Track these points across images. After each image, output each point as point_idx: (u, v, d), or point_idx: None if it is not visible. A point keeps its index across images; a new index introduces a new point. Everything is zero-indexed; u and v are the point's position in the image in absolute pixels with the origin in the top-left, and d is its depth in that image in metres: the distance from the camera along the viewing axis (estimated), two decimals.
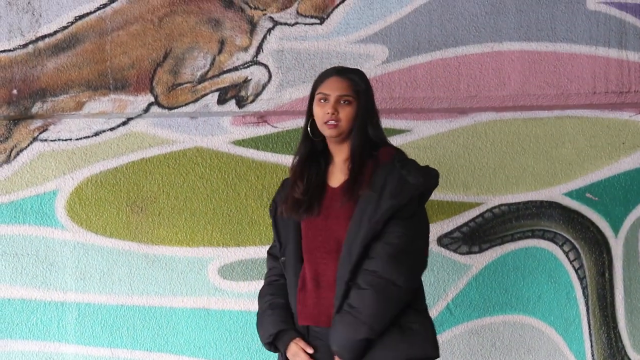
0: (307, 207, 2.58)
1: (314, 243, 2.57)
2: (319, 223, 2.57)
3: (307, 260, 2.58)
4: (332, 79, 2.58)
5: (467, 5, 3.34)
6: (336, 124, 2.53)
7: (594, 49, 3.34)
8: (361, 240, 2.47)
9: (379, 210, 2.47)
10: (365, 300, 2.43)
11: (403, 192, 2.49)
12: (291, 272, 2.62)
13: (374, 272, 2.45)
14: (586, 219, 3.40)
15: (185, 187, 3.37)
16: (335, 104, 2.53)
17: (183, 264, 3.36)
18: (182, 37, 3.30)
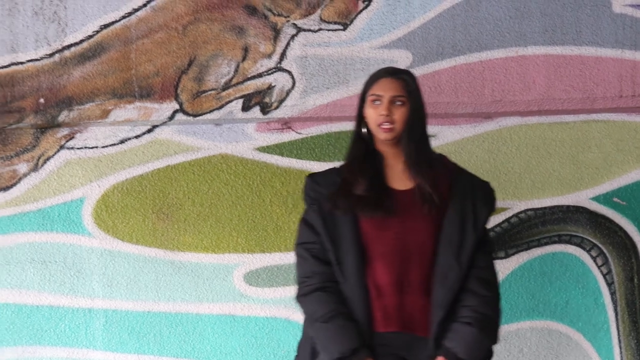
0: (378, 206, 2.49)
1: (390, 245, 2.50)
2: (395, 225, 2.50)
3: (382, 263, 2.49)
4: (384, 79, 2.54)
5: (491, 9, 3.33)
6: (391, 127, 2.49)
7: (620, 52, 3.32)
8: (470, 249, 2.49)
9: (480, 218, 2.53)
10: (492, 306, 2.52)
11: (491, 200, 2.62)
12: (354, 276, 2.49)
13: (484, 279, 2.52)
14: (614, 224, 3.37)
15: (211, 193, 3.39)
16: (389, 105, 2.50)
17: (209, 270, 3.38)
18: (206, 45, 3.32)
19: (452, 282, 2.47)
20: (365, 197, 2.49)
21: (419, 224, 2.51)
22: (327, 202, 2.53)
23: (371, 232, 2.51)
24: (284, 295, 3.37)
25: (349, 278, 2.50)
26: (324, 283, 2.53)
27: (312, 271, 2.55)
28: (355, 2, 3.32)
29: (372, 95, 2.53)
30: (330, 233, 2.52)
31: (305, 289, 2.56)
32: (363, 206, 2.49)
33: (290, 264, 3.34)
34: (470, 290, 2.48)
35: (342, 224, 2.52)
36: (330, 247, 2.52)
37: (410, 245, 2.50)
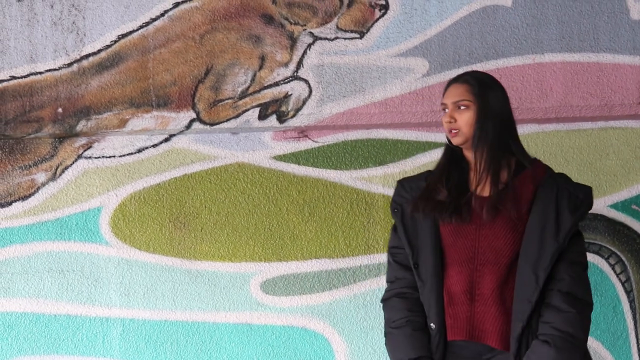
0: (455, 211, 2.47)
1: (465, 252, 2.46)
2: (471, 231, 2.47)
3: (456, 271, 2.47)
4: (451, 86, 2.55)
5: (507, 17, 3.32)
6: (457, 131, 2.49)
7: (638, 59, 3.30)
8: (550, 259, 2.39)
9: (562, 227, 2.42)
10: (573, 325, 2.37)
11: (579, 208, 2.47)
12: (431, 281, 2.48)
13: (568, 293, 2.39)
14: (632, 231, 3.35)
15: (227, 202, 3.39)
16: (452, 112, 2.50)
17: (225, 279, 3.38)
18: (223, 54, 3.32)
19: (528, 295, 2.39)
20: (444, 203, 2.48)
21: (495, 230, 2.46)
22: (410, 206, 2.53)
23: (448, 238, 2.50)
24: (301, 304, 3.36)
25: (426, 283, 2.49)
26: (403, 289, 2.55)
27: (394, 276, 2.59)
28: (372, 11, 3.32)
29: (442, 104, 2.56)
30: (410, 237, 2.54)
31: (386, 294, 2.61)
32: (441, 211, 2.48)
33: (307, 272, 3.36)
34: (551, 305, 2.39)
35: (422, 229, 2.52)
36: (409, 251, 2.53)
37: (485, 252, 2.46)
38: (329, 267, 3.37)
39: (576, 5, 3.30)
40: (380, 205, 3.36)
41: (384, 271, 3.28)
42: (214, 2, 3.32)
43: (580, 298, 2.42)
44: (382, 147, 3.39)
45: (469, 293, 2.45)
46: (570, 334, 2.36)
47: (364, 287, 3.36)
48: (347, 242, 3.37)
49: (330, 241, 3.37)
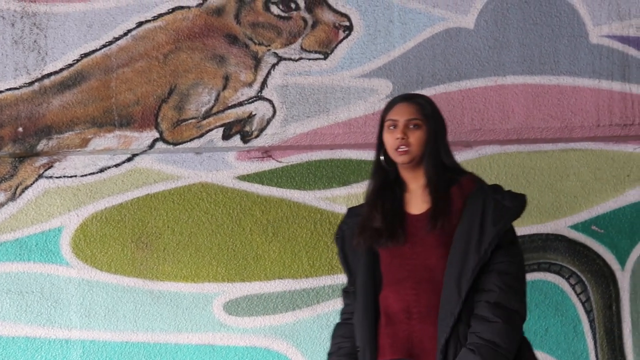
0: (391, 235, 2.50)
1: (401, 273, 2.49)
2: (406, 252, 2.50)
3: (392, 291, 2.50)
4: (399, 104, 2.57)
5: (470, 39, 3.36)
6: (407, 149, 2.50)
7: (597, 82, 3.35)
8: (472, 272, 2.40)
9: (485, 239, 2.41)
10: (500, 334, 2.37)
11: (504, 218, 2.45)
12: (363, 303, 2.54)
13: (496, 304, 2.39)
14: (592, 252, 3.39)
15: (190, 222, 3.37)
16: (404, 129, 2.51)
17: (188, 299, 3.35)
18: (186, 73, 3.31)
19: (452, 307, 2.40)
20: (379, 229, 2.52)
21: (428, 249, 2.49)
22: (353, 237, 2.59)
23: (388, 260, 2.54)
24: (264, 324, 3.35)
25: (358, 305, 2.56)
26: (344, 315, 2.67)
27: (344, 303, 2.71)
28: (336, 32, 3.34)
29: (388, 120, 2.56)
30: (350, 264, 2.63)
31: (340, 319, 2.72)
32: (377, 238, 2.53)
33: (270, 293, 3.35)
34: (479, 315, 2.40)
35: (359, 255, 2.59)
36: (349, 278, 2.65)
37: (419, 271, 2.48)
38: (292, 287, 3.36)
39: (537, 28, 3.35)
40: None
41: None
42: (177, 21, 3.31)
43: (509, 308, 2.41)
44: (346, 167, 3.39)
45: (406, 312, 2.47)
46: (495, 343, 2.36)
47: (328, 307, 3.35)
48: (310, 262, 3.37)
49: (294, 261, 3.37)
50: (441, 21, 3.35)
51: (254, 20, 3.32)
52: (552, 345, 3.37)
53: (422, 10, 3.35)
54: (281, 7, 3.32)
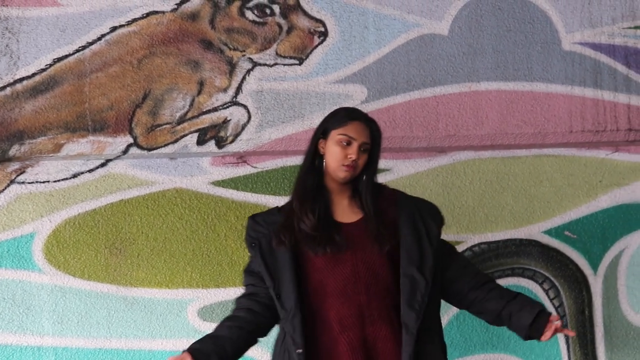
0: (329, 242, 2.54)
1: (346, 279, 2.53)
2: (348, 258, 2.54)
3: (340, 299, 2.53)
4: (357, 123, 2.60)
5: (444, 46, 3.37)
6: (353, 169, 2.57)
7: (570, 89, 3.39)
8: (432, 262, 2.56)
9: (432, 232, 2.61)
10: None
11: (438, 214, 2.70)
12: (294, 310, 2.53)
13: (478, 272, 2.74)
14: (565, 257, 3.42)
15: (165, 228, 3.35)
16: (358, 150, 2.56)
17: (162, 306, 3.33)
18: (161, 79, 3.30)
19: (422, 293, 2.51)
20: (314, 235, 2.55)
21: (370, 254, 2.55)
22: (272, 240, 2.60)
23: (325, 267, 2.55)
24: None
25: (290, 311, 2.55)
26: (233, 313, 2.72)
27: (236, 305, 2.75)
28: (311, 37, 3.34)
29: (343, 135, 2.57)
30: (270, 269, 2.60)
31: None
32: (313, 244, 2.55)
33: None
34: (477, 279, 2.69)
35: (281, 261, 2.58)
36: (271, 283, 2.60)
37: (366, 276, 2.54)
38: None
39: (510, 35, 3.38)
40: None
41: None
42: (152, 26, 3.29)
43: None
44: None
45: (359, 317, 2.51)
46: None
47: None
48: None
49: None
50: (416, 27, 3.37)
51: (229, 26, 3.32)
52: (526, 350, 3.39)
53: (397, 17, 3.36)
54: (256, 13, 3.32)
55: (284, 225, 2.60)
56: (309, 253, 2.56)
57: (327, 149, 2.60)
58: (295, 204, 2.62)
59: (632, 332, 3.42)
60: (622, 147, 3.44)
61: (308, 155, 2.65)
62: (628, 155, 3.45)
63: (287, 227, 2.59)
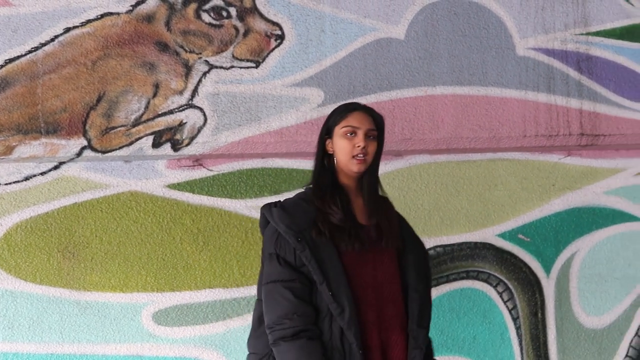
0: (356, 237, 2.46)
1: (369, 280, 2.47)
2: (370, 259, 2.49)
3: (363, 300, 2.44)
4: (358, 113, 2.55)
5: (400, 50, 3.39)
6: (364, 158, 2.50)
7: (524, 94, 3.42)
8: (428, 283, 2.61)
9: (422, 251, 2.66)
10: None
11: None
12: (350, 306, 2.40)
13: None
14: (519, 260, 3.46)
15: (119, 231, 3.31)
16: (364, 138, 2.51)
17: (116, 310, 3.29)
18: (116, 81, 3.26)
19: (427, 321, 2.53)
20: (343, 227, 2.46)
21: (386, 260, 2.51)
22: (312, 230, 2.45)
23: (352, 265, 2.46)
24: (194, 334, 3.32)
25: (345, 309, 2.41)
26: (308, 326, 2.41)
27: (293, 312, 2.41)
28: (268, 40, 3.33)
29: (346, 127, 2.52)
30: (320, 263, 2.43)
31: (283, 332, 2.41)
32: (342, 236, 2.45)
33: (201, 302, 3.32)
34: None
35: (328, 254, 2.44)
36: (322, 279, 2.42)
37: (383, 281, 2.49)
38: (223, 296, 3.34)
39: (466, 40, 3.40)
40: None
41: None
42: (106, 28, 3.26)
43: None
44: (278, 176, 3.39)
45: (378, 321, 2.47)
46: None
47: None
48: (241, 271, 3.35)
49: (225, 270, 3.34)
50: (372, 31, 3.38)
51: (185, 28, 3.30)
52: (480, 352, 3.42)
53: (354, 20, 3.37)
54: (212, 15, 3.30)
55: (319, 216, 2.47)
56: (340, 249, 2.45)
57: (335, 146, 2.54)
58: (318, 202, 2.50)
59: (583, 334, 3.47)
60: (574, 152, 3.49)
61: (318, 157, 2.59)
62: (580, 160, 3.50)
63: (322, 218, 2.46)
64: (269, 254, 2.49)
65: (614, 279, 3.49)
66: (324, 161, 2.57)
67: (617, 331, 3.48)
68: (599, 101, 3.41)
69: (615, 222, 3.49)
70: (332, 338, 2.42)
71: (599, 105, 3.41)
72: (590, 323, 3.47)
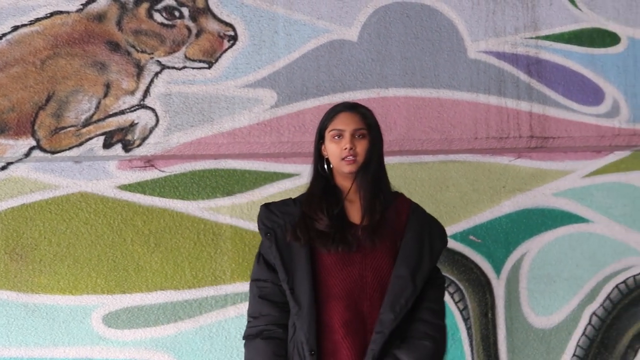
0: (342, 240, 2.48)
1: (353, 282, 2.47)
2: (358, 260, 2.49)
3: (341, 300, 2.45)
4: (343, 114, 2.55)
5: (353, 52, 3.40)
6: (354, 159, 2.50)
7: (475, 96, 3.45)
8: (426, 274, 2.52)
9: (435, 250, 2.57)
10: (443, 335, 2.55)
11: (444, 236, 2.64)
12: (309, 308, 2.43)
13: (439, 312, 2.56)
14: (470, 261, 3.49)
15: (69, 233, 3.28)
16: (351, 139, 2.51)
17: (65, 312, 3.26)
18: (65, 80, 3.22)
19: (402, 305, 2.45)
20: (328, 233, 2.48)
21: (378, 259, 2.50)
22: (287, 232, 2.51)
23: (333, 267, 2.48)
24: (145, 336, 3.29)
25: (303, 308, 2.44)
26: (268, 326, 2.52)
27: (259, 312, 2.55)
28: (221, 41, 3.32)
29: (333, 130, 2.53)
30: (285, 261, 2.50)
31: (248, 330, 2.55)
32: (325, 241, 2.47)
33: (152, 304, 3.29)
34: (422, 319, 2.50)
35: (298, 255, 2.49)
36: (285, 276, 2.49)
37: (373, 282, 2.49)
38: (174, 298, 3.32)
39: (418, 42, 3.43)
40: (228, 236, 3.35)
41: (231, 302, 3.28)
42: (56, 27, 3.22)
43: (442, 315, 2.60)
44: (230, 177, 3.38)
45: (363, 324, 2.46)
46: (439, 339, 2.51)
47: (210, 318, 3.32)
48: (193, 273, 3.33)
49: (176, 272, 3.32)
50: (325, 33, 3.39)
51: (137, 28, 3.27)
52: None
53: (307, 22, 3.37)
54: (165, 15, 3.28)
55: (300, 222, 2.51)
56: (320, 251, 2.48)
57: (327, 150, 2.55)
58: (305, 208, 2.53)
59: (532, 334, 3.51)
60: (524, 154, 3.53)
61: (314, 163, 2.60)
62: (530, 162, 3.54)
63: (303, 224, 2.50)
64: (257, 252, 2.63)
65: (563, 280, 3.54)
66: (318, 167, 2.59)
67: (565, 331, 3.53)
68: (548, 104, 3.46)
69: (563, 224, 3.55)
70: (294, 337, 2.47)
71: (548, 108, 3.46)
72: (539, 323, 3.52)
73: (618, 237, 3.58)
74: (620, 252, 3.57)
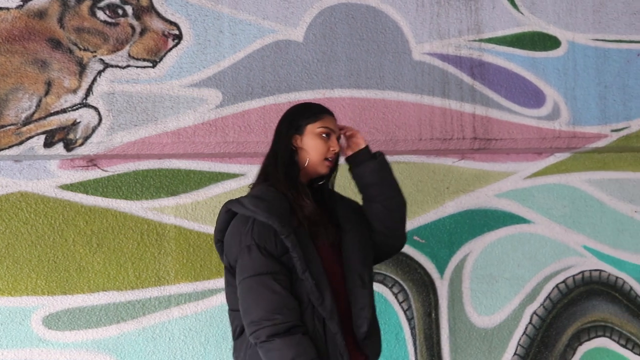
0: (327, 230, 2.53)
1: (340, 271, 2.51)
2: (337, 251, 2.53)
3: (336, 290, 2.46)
4: (328, 117, 2.60)
5: (299, 52, 3.40)
6: (333, 163, 2.59)
7: (420, 98, 3.48)
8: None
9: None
10: None
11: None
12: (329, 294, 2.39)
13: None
14: (414, 261, 3.52)
15: (8, 233, 3.22)
16: (337, 142, 2.59)
17: (3, 314, 3.20)
18: (5, 78, 3.16)
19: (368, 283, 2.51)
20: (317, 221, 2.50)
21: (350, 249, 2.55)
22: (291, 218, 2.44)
23: (327, 256, 2.50)
24: (87, 338, 3.25)
25: (326, 297, 2.38)
26: (298, 321, 2.34)
27: (284, 305, 2.33)
28: (165, 40, 3.29)
29: (323, 127, 2.56)
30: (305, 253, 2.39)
31: (274, 329, 2.30)
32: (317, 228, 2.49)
33: (94, 306, 3.25)
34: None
35: (307, 245, 2.43)
36: (304, 267, 2.35)
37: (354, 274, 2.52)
38: (117, 299, 3.28)
39: (363, 43, 3.44)
40: (172, 236, 3.32)
41: (175, 303, 3.25)
42: None
43: None
44: (175, 177, 3.35)
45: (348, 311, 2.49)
46: None
47: (154, 319, 3.29)
48: (136, 273, 3.30)
49: (119, 273, 3.29)
50: (271, 33, 3.38)
51: (79, 25, 3.22)
52: None
53: (252, 22, 3.36)
54: (108, 13, 3.24)
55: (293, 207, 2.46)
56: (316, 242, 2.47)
57: (304, 144, 2.55)
58: (290, 194, 2.47)
59: (474, 333, 3.55)
60: (467, 155, 3.57)
61: (285, 150, 2.54)
62: (473, 163, 3.58)
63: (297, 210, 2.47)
64: (247, 246, 2.38)
65: (504, 279, 3.59)
66: (290, 154, 2.54)
67: (507, 330, 3.58)
68: (491, 106, 3.50)
69: (505, 224, 3.60)
70: (315, 330, 2.38)
71: (491, 110, 3.50)
72: (481, 322, 3.56)
73: (558, 238, 3.64)
74: (560, 252, 3.64)
